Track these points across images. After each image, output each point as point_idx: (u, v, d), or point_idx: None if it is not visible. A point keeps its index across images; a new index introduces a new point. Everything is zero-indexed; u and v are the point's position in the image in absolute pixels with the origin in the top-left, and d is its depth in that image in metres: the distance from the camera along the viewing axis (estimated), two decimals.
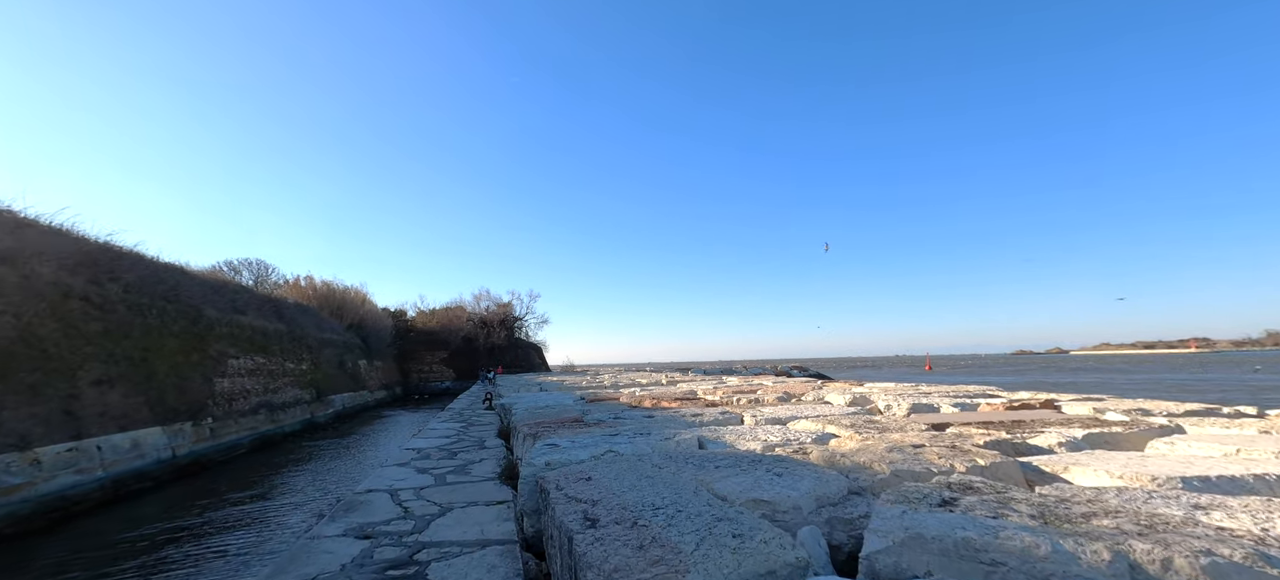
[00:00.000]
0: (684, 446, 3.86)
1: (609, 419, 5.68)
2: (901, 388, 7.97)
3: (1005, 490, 2.08)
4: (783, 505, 2.20)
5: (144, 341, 11.54)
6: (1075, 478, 2.49)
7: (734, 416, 5.53)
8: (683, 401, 7.91)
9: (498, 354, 45.45)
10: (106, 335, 10.58)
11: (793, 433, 4.18)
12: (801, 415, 5.24)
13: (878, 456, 2.87)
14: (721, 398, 8.34)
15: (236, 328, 16.67)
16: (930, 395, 6.53)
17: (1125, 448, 3.28)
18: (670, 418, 5.51)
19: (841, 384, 10.14)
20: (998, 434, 3.55)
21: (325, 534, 3.36)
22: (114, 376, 10.40)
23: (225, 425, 13.83)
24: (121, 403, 10.30)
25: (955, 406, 5.47)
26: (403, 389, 39.65)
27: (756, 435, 4.14)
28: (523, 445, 5.15)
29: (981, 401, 5.73)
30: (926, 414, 5.19)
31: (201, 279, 17.22)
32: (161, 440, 11.04)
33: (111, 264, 11.77)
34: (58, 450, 8.56)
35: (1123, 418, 4.20)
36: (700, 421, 5.28)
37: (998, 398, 6.14)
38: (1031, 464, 2.73)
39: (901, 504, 1.94)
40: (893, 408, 5.67)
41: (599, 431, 4.62)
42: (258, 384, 16.87)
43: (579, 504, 2.39)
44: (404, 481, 4.88)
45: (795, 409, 5.84)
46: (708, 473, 2.79)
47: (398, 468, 5.57)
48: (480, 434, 8.34)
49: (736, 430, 4.48)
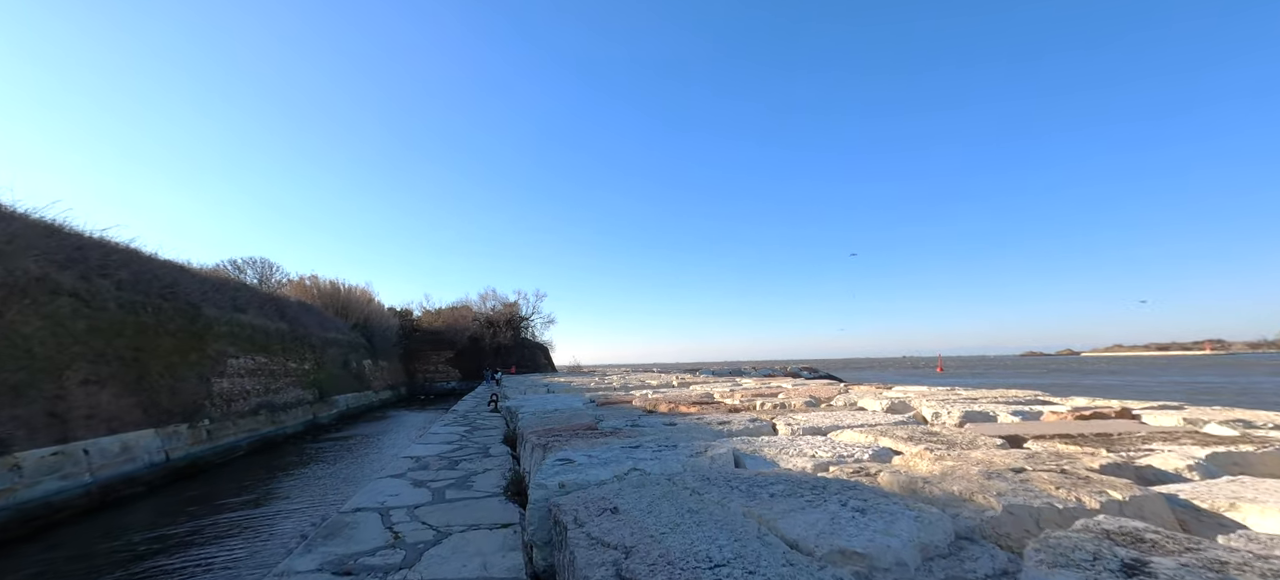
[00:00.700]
0: (720, 463, 3.31)
1: (626, 427, 5.14)
2: (939, 391, 7.38)
3: (1197, 545, 1.52)
4: (882, 560, 1.64)
5: (137, 340, 11.11)
6: (1251, 520, 1.92)
7: (764, 424, 4.96)
8: (702, 406, 7.36)
9: (504, 354, 45.04)
10: (96, 333, 10.15)
11: (842, 446, 3.62)
12: (842, 424, 4.67)
13: (973, 484, 2.30)
14: (742, 402, 7.78)
15: (236, 326, 16.26)
16: (978, 401, 5.93)
17: (1265, 472, 2.70)
18: (694, 426, 4.96)
19: (868, 387, 9.54)
20: (1097, 452, 2.97)
21: (298, 569, 2.83)
22: (104, 377, 9.96)
23: (223, 427, 13.40)
24: (111, 404, 9.86)
25: (1015, 415, 4.88)
26: (408, 389, 39.28)
27: (799, 449, 3.58)
28: (531, 457, 4.61)
29: (1042, 410, 5.14)
30: (984, 425, 4.61)
31: (201, 276, 16.83)
32: (154, 443, 10.60)
33: (104, 260, 11.35)
34: (41, 454, 8.11)
35: (1228, 431, 3.60)
36: (728, 430, 4.72)
37: (1055, 405, 5.54)
38: (1177, 497, 2.16)
39: (1068, 569, 1.38)
40: (942, 416, 5.09)
41: (618, 442, 4.07)
42: (258, 384, 16.45)
43: (607, 551, 1.83)
44: (398, 497, 4.36)
45: (831, 416, 5.26)
46: (761, 503, 2.24)
47: (393, 480, 5.05)
48: (484, 439, 7.82)
49: (773, 442, 3.93)
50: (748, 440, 4.14)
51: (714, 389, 11.51)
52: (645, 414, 6.59)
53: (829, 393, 8.47)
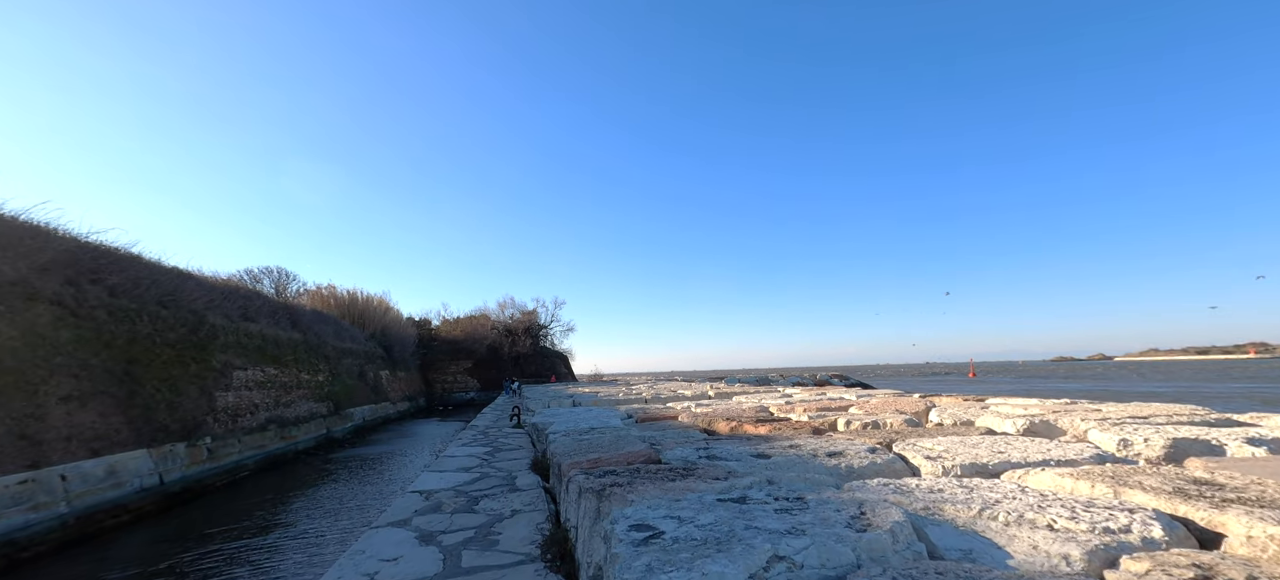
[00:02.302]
0: (903, 545, 2.02)
1: (699, 459, 3.86)
2: (1080, 406, 5.94)
3: None
4: None
5: (129, 351, 10.17)
6: None
7: (892, 459, 3.64)
8: (771, 425, 6.04)
9: (523, 363, 44.07)
10: (82, 344, 9.21)
11: (1068, 506, 2.31)
12: (1010, 459, 3.34)
13: None
14: (815, 418, 6.45)
15: (244, 336, 15.37)
16: (1150, 419, 4.54)
17: None
18: (793, 459, 3.67)
19: (958, 399, 8.12)
20: None
21: None
22: (88, 392, 9.00)
23: (227, 444, 12.43)
24: (96, 423, 8.89)
25: (1247, 443, 3.50)
26: (426, 400, 38.47)
27: (1007, 512, 2.27)
28: (578, 508, 3.33)
29: (1252, 431, 3.75)
30: (1212, 459, 3.24)
31: (207, 283, 15.99)
32: (146, 465, 9.61)
33: (94, 264, 10.47)
34: (6, 483, 7.12)
35: None
36: (848, 468, 3.42)
37: (1250, 424, 4.14)
38: None
39: None
40: (1133, 443, 3.72)
41: (707, 490, 2.81)
42: (268, 397, 15.53)
43: None
44: (397, 566, 3.15)
45: (970, 444, 3.92)
46: None
47: (394, 530, 3.85)
48: (509, 464, 6.62)
49: (938, 494, 2.63)
50: (892, 487, 2.85)
51: (765, 400, 10.17)
52: (709, 437, 5.31)
53: (915, 407, 7.08)
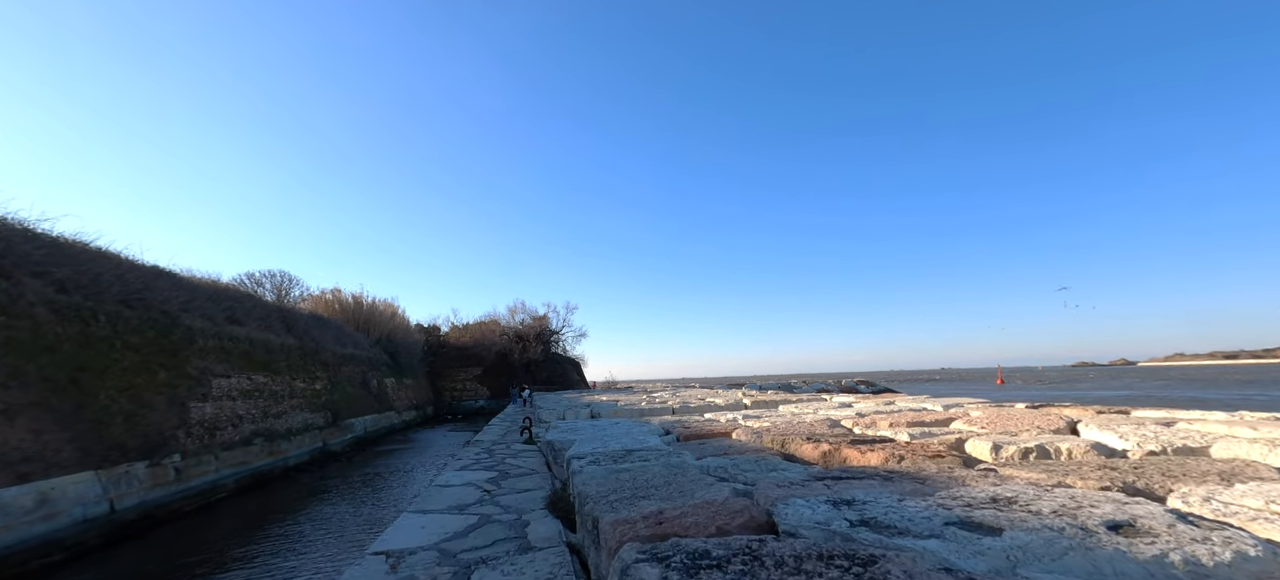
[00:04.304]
0: None
1: (848, 526, 2.21)
2: (1196, 415, 4.20)
3: None
4: None
5: (77, 357, 8.74)
6: None
7: (1073, 511, 1.98)
8: (882, 451, 4.35)
9: (534, 369, 42.55)
10: (12, 349, 7.78)
11: None
12: None
13: None
14: (909, 437, 4.77)
15: (228, 340, 13.94)
16: None
17: None
18: (1039, 533, 2.01)
19: (1056, 409, 6.36)
20: None
21: None
22: (19, 404, 7.54)
23: (200, 462, 10.95)
24: (26, 441, 7.42)
25: None
26: (434, 408, 37.00)
27: None
28: None
29: None
30: None
31: (187, 283, 14.58)
32: (91, 490, 8.12)
33: (39, 256, 9.09)
34: None
35: None
36: (1181, 561, 1.76)
37: None
38: None
39: None
40: None
41: None
42: (254, 408, 14.07)
43: None
44: None
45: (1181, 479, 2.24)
46: None
47: None
48: (518, 499, 5.01)
49: None
50: None
51: (823, 411, 8.49)
52: (807, 468, 3.64)
53: (1046, 422, 5.35)
